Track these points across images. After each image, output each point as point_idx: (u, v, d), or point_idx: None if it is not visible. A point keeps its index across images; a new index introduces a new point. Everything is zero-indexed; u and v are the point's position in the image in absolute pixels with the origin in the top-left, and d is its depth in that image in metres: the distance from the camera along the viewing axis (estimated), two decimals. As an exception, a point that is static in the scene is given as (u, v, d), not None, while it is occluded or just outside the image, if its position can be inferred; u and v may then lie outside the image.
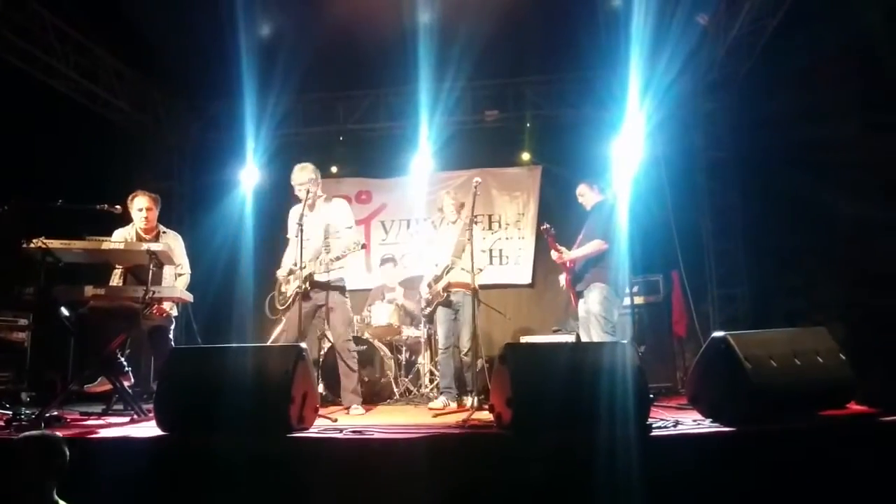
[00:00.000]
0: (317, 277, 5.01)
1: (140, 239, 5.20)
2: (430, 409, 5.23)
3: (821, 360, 3.38)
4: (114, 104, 7.74)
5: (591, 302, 5.24)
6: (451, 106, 8.52)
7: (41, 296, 4.37)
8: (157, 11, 6.53)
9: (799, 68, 5.96)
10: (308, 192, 5.09)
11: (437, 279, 5.73)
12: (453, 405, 5.37)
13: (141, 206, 5.21)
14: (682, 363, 6.71)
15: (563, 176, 7.97)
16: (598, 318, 5.15)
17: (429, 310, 5.90)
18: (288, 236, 5.40)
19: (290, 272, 5.21)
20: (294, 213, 5.28)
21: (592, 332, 5.21)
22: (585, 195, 5.67)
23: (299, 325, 4.88)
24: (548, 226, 5.53)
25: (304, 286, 4.97)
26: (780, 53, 6.51)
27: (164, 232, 5.41)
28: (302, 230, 4.85)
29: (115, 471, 2.99)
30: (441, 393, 5.58)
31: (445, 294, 5.63)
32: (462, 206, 5.74)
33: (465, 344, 5.52)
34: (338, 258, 4.98)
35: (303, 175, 5.16)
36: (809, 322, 5.42)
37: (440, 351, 5.70)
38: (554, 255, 5.58)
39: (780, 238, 6.49)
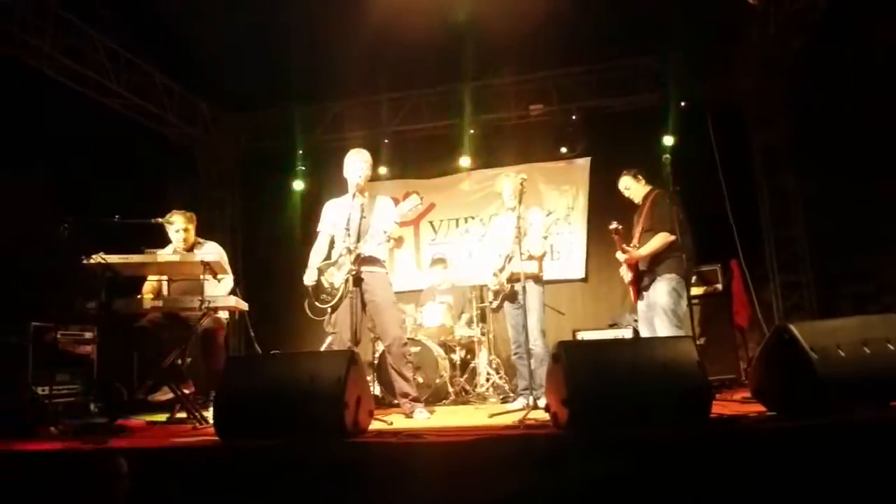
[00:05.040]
0: (365, 253, 4.86)
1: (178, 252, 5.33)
2: (509, 410, 4.98)
3: (892, 347, 3.22)
4: (165, 119, 7.94)
5: (659, 294, 5.05)
6: (495, 102, 8.49)
7: (103, 309, 4.50)
8: (200, 24, 6.65)
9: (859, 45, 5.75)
10: (360, 176, 4.98)
11: (501, 269, 5.50)
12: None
13: (178, 227, 5.35)
14: (746, 354, 6.54)
15: (612, 167, 7.86)
16: (666, 310, 4.97)
17: (496, 303, 5.64)
18: (319, 230, 5.20)
19: (332, 264, 5.03)
20: (331, 205, 5.20)
21: (658, 326, 5.03)
22: (632, 188, 5.48)
23: (352, 321, 4.71)
24: (617, 226, 5.28)
25: (354, 268, 4.79)
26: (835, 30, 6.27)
27: (199, 243, 5.51)
28: (350, 216, 4.81)
29: (177, 478, 3.04)
30: (519, 395, 5.42)
31: (510, 286, 5.40)
32: (524, 189, 5.26)
33: (532, 333, 5.14)
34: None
35: (359, 158, 5.04)
36: (878, 306, 5.22)
37: (512, 352, 5.52)
38: (621, 255, 5.34)
39: (843, 221, 6.25)
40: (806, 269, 7.29)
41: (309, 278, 5.03)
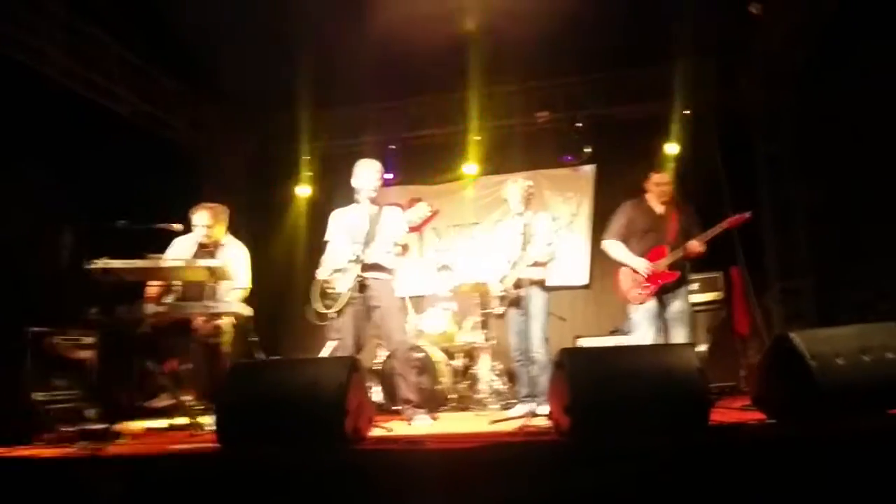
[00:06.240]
0: (371, 260, 4.93)
1: (202, 247, 5.30)
2: (510, 417, 4.90)
3: (891, 356, 3.22)
4: (172, 124, 7.96)
5: (687, 299, 5.01)
6: (501, 109, 8.48)
7: (105, 315, 4.50)
8: (208, 29, 6.66)
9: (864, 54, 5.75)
10: (369, 187, 5.07)
11: (507, 275, 5.44)
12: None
13: (198, 222, 5.29)
14: (745, 361, 6.52)
15: (617, 175, 7.86)
16: (689, 317, 4.95)
17: (501, 309, 5.54)
18: (326, 239, 5.26)
19: (338, 270, 5.06)
20: (337, 214, 5.25)
21: (678, 333, 4.93)
22: (671, 185, 5.26)
23: (356, 327, 4.85)
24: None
25: (360, 275, 4.89)
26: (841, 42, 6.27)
27: (224, 244, 5.44)
28: (357, 224, 4.94)
29: (175, 486, 3.04)
30: (520, 402, 5.35)
31: (515, 291, 5.32)
32: (531, 195, 5.36)
33: (534, 340, 5.13)
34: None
35: (370, 168, 5.13)
36: (877, 315, 5.20)
37: (514, 358, 5.46)
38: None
39: (844, 228, 6.24)
40: (806, 277, 7.28)
41: (322, 274, 5.09)
